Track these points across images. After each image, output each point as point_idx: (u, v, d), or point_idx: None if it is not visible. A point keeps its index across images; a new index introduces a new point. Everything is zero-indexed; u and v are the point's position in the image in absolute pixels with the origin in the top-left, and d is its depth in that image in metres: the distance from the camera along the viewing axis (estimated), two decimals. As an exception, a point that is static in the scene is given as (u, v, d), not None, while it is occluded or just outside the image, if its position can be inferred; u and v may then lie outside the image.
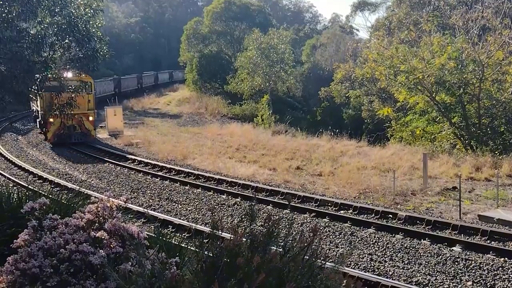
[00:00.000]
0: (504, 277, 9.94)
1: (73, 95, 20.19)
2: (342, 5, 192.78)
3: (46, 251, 4.22)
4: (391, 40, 31.86)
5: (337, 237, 12.46)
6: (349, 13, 72.80)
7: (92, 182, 19.55)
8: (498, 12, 29.16)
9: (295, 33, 66.73)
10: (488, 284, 9.67)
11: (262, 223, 4.15)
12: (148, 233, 5.40)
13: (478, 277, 9.95)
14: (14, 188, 12.94)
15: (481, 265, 10.47)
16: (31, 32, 16.59)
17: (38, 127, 33.17)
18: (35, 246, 4.24)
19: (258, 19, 61.42)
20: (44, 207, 4.72)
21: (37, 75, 17.82)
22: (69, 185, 17.53)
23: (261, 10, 65.02)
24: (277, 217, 4.16)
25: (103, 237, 4.36)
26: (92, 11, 17.14)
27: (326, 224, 13.38)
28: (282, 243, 4.07)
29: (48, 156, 25.91)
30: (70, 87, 20.22)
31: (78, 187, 11.45)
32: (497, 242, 11.82)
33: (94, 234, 4.41)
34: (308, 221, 13.75)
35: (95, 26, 17.47)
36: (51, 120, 27.92)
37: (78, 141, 28.69)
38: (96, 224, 4.62)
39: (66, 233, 4.37)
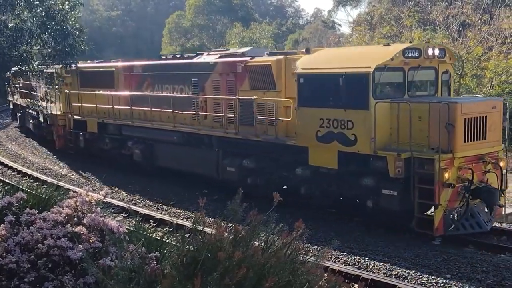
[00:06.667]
0: None
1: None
2: (324, 0, 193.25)
3: (23, 246, 4.16)
4: (373, 35, 32.03)
5: (320, 230, 12.48)
6: (331, 8, 73.04)
7: (73, 176, 19.34)
8: (478, 8, 29.48)
9: (278, 28, 66.69)
10: None
11: (244, 218, 4.13)
12: (128, 227, 5.36)
13: None
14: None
15: None
16: (9, 25, 16.33)
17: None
18: (12, 241, 4.18)
19: (240, 13, 61.31)
20: (21, 201, 4.66)
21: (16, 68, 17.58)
22: (49, 179, 17.32)
23: (244, 4, 64.89)
24: (259, 213, 4.15)
25: (82, 232, 4.31)
26: (71, 3, 16.92)
27: (308, 217, 13.38)
28: (264, 238, 4.06)
29: (28, 150, 25.54)
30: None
31: (57, 181, 11.31)
32: None
33: (73, 229, 4.35)
34: (292, 212, 13.73)
35: (72, 19, 17.23)
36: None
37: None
38: (75, 218, 4.57)
39: (44, 228, 4.32)
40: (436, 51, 12.22)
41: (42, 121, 23.96)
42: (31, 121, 26.75)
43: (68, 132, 21.98)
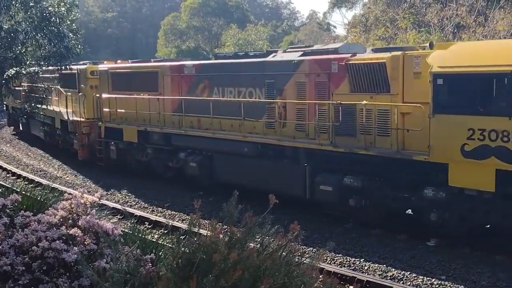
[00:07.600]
0: None
1: None
2: (319, 2, 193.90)
3: (18, 249, 4.15)
4: (368, 37, 32.12)
5: (315, 231, 12.48)
6: (327, 9, 73.22)
7: (68, 178, 19.28)
8: (472, 10, 29.62)
9: (273, 30, 66.85)
10: None
11: (240, 220, 4.13)
12: (123, 229, 5.35)
13: None
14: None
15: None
16: (4, 27, 16.28)
17: None
18: (6, 243, 4.16)
19: (236, 15, 61.42)
20: (16, 203, 4.64)
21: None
22: (44, 181, 17.27)
23: (239, 6, 65.02)
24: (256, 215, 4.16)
25: (76, 234, 4.30)
26: (67, 6, 16.85)
27: (303, 219, 13.39)
28: (259, 240, 4.06)
29: (22, 152, 25.46)
30: None
31: (52, 183, 11.28)
32: None
33: (68, 231, 4.34)
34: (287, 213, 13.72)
35: (68, 21, 17.13)
36: None
37: None
38: (70, 221, 4.56)
39: (39, 230, 4.30)
40: None
41: (58, 127, 21.45)
42: (41, 127, 24.33)
43: (97, 141, 19.04)
